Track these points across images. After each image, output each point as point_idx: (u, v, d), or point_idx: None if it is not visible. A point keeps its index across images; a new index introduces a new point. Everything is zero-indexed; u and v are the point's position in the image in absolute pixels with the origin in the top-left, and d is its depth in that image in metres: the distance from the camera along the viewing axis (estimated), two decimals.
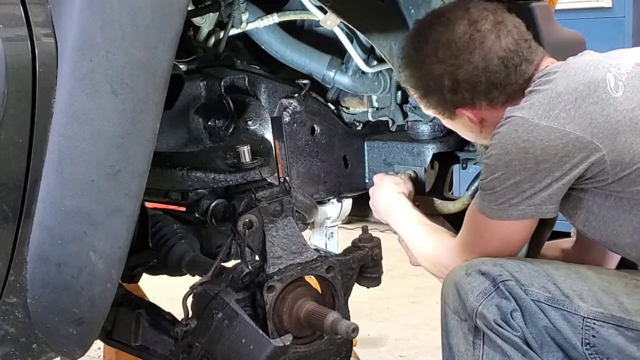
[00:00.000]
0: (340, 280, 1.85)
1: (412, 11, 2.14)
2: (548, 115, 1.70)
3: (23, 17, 1.32)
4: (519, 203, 1.74)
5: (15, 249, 1.42)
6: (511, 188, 1.74)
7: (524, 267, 1.77)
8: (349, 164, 2.41)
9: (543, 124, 1.70)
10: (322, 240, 2.61)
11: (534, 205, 1.74)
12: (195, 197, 2.01)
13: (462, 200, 2.31)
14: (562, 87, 1.73)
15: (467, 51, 1.83)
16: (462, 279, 1.76)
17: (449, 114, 1.93)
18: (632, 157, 1.68)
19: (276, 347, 1.68)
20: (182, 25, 1.43)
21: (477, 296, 1.73)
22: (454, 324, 1.78)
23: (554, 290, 1.72)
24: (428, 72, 1.88)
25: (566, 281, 1.74)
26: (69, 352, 1.59)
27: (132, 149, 1.42)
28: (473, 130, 1.95)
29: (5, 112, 1.31)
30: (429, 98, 1.93)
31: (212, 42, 2.18)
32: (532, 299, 1.72)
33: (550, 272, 1.75)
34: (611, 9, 4.40)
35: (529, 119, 1.72)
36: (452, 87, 1.85)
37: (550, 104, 1.71)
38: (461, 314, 1.76)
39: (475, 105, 1.87)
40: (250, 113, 2.10)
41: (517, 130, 1.72)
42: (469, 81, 1.84)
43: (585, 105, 1.69)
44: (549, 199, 1.73)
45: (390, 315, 3.85)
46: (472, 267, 1.77)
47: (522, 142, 1.71)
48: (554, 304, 1.72)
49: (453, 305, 1.78)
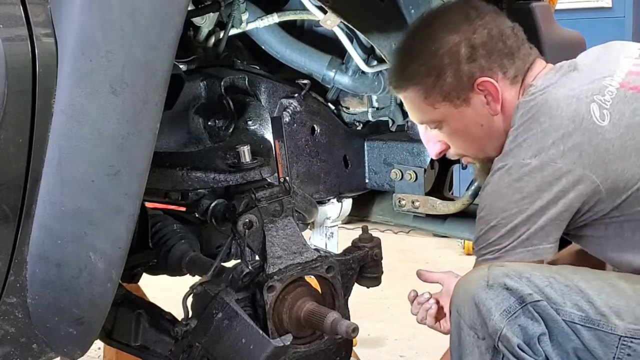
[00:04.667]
0: (340, 280, 1.85)
1: (412, 11, 2.14)
2: (538, 154, 1.68)
3: (23, 17, 1.32)
4: (516, 247, 1.71)
5: (15, 249, 1.42)
6: (508, 234, 1.71)
7: (553, 280, 1.65)
8: (349, 164, 2.42)
9: (535, 163, 1.68)
10: (322, 240, 2.61)
11: (531, 247, 1.70)
12: (195, 197, 2.01)
13: (462, 200, 2.31)
14: (547, 124, 1.69)
15: (479, 18, 1.80)
16: (482, 292, 1.64)
17: (464, 95, 1.81)
18: (626, 182, 1.66)
19: (276, 347, 1.68)
20: (182, 25, 1.43)
21: (501, 315, 1.61)
22: (470, 341, 1.67)
23: (588, 308, 1.62)
24: (441, 45, 1.80)
25: (600, 296, 1.64)
26: (69, 352, 1.59)
27: (132, 149, 1.42)
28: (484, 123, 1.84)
29: (5, 112, 1.31)
30: (443, 81, 1.81)
31: (212, 42, 2.18)
32: (564, 320, 1.62)
33: (582, 287, 1.65)
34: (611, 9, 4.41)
35: (520, 160, 1.70)
36: (469, 55, 1.79)
37: (538, 143, 1.69)
38: (479, 331, 1.65)
39: (492, 76, 1.80)
40: (250, 113, 2.10)
41: (511, 173, 1.70)
42: (486, 45, 1.79)
43: (572, 139, 1.66)
44: (546, 237, 1.70)
45: (390, 315, 3.84)
46: (495, 279, 1.64)
47: (515, 182, 1.69)
48: (588, 323, 1.62)
49: (470, 320, 1.66)
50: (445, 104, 1.84)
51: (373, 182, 2.46)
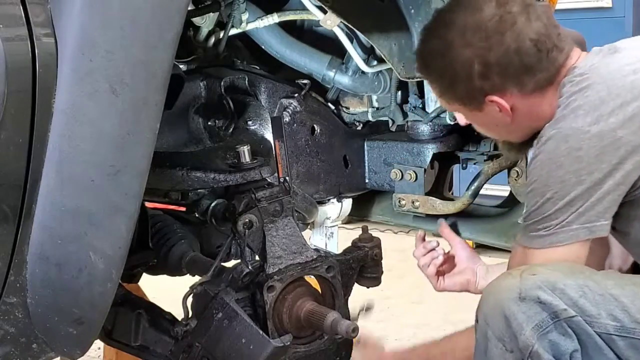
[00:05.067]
0: (340, 280, 1.85)
1: (412, 11, 2.13)
2: (597, 121, 1.63)
3: (23, 17, 1.32)
4: (572, 222, 1.65)
5: (15, 249, 1.42)
6: (565, 208, 1.65)
7: (587, 290, 1.60)
8: (349, 164, 2.42)
9: (594, 131, 1.63)
10: (322, 240, 2.61)
11: (588, 223, 1.65)
12: (195, 197, 2.01)
13: (462, 200, 2.31)
14: (604, 93, 1.66)
15: (498, 33, 1.72)
16: (514, 305, 1.59)
17: (476, 104, 1.80)
18: None
19: (276, 347, 1.68)
20: (182, 25, 1.42)
21: (533, 330, 1.57)
22: (497, 353, 1.62)
23: (623, 317, 1.59)
24: (455, 58, 1.75)
25: (635, 303, 1.60)
26: (69, 352, 1.59)
27: (132, 149, 1.42)
28: (500, 124, 1.83)
29: (5, 112, 1.31)
30: (456, 88, 1.80)
31: (212, 42, 2.17)
32: (598, 332, 1.58)
33: (616, 294, 1.61)
34: (611, 9, 4.41)
35: (578, 127, 1.65)
36: (482, 72, 1.74)
37: (596, 110, 1.65)
38: (507, 344, 1.60)
39: (505, 92, 1.76)
40: (250, 113, 2.10)
41: (568, 140, 1.65)
42: (501, 64, 1.72)
43: (630, 108, 1.63)
44: (604, 212, 1.65)
45: (390, 315, 3.84)
46: (527, 292, 1.59)
47: (575, 150, 1.64)
48: (623, 333, 1.58)
49: (498, 331, 1.61)
50: (458, 104, 1.85)
51: (373, 182, 2.46)
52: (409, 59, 2.14)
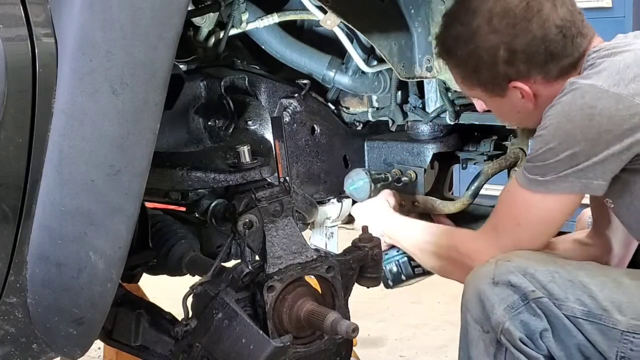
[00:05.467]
0: (340, 280, 1.85)
1: (412, 11, 2.14)
2: (618, 84, 1.65)
3: (23, 17, 1.32)
4: (569, 175, 1.68)
5: (15, 249, 1.42)
6: (566, 160, 1.67)
7: (556, 275, 1.68)
8: (349, 164, 2.42)
9: (612, 91, 1.65)
10: (322, 240, 2.61)
11: (585, 179, 1.68)
12: (195, 197, 2.01)
13: (462, 200, 2.31)
14: (631, 60, 1.68)
15: (525, 19, 1.74)
16: (488, 289, 1.69)
17: (499, 90, 1.82)
18: None
19: (276, 347, 1.68)
20: (182, 25, 1.43)
21: (504, 310, 1.66)
22: (476, 334, 1.71)
23: (590, 303, 1.65)
24: (481, 44, 1.78)
25: (603, 291, 1.66)
26: (69, 352, 1.59)
27: (132, 149, 1.42)
28: (521, 110, 1.85)
29: (5, 112, 1.31)
30: (480, 73, 1.81)
31: (212, 42, 2.18)
32: (566, 315, 1.65)
33: (586, 282, 1.67)
34: (611, 9, 4.40)
35: (597, 86, 1.66)
36: (508, 59, 1.76)
37: (619, 73, 1.67)
38: (484, 325, 1.70)
39: (530, 79, 1.78)
40: (250, 113, 2.11)
41: (584, 96, 1.67)
42: (527, 51, 1.75)
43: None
44: (603, 174, 1.67)
45: (390, 315, 3.85)
46: (500, 277, 1.68)
47: (588, 108, 1.65)
48: (590, 317, 1.65)
49: (476, 315, 1.71)
50: (480, 90, 1.86)
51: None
52: (409, 59, 2.14)
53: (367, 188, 2.23)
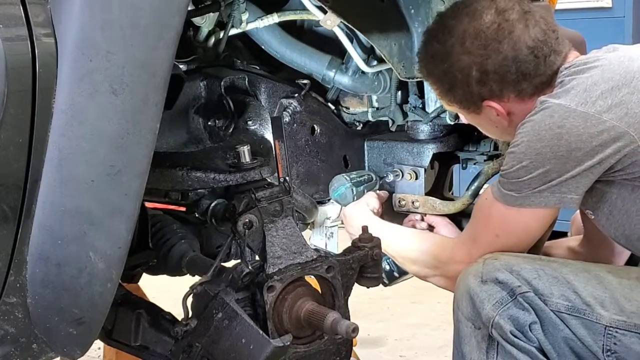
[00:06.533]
0: (340, 280, 1.85)
1: (412, 11, 2.14)
2: (585, 102, 1.68)
3: (23, 17, 1.32)
4: (544, 190, 1.71)
5: (15, 249, 1.42)
6: (539, 177, 1.71)
7: (542, 272, 1.73)
8: (349, 164, 2.41)
9: (580, 110, 1.68)
10: (322, 240, 2.61)
11: (559, 193, 1.71)
12: (195, 197, 2.01)
13: (462, 200, 2.31)
14: (598, 77, 1.70)
15: (496, 41, 1.79)
16: (477, 287, 1.74)
17: (474, 108, 1.88)
18: None
19: (276, 347, 1.68)
20: (182, 25, 1.42)
21: (494, 306, 1.70)
22: (467, 331, 1.76)
23: (575, 298, 1.69)
24: (454, 63, 1.83)
25: (586, 288, 1.70)
26: (69, 352, 1.59)
27: (132, 149, 1.42)
28: (498, 125, 1.90)
29: (5, 112, 1.31)
30: (454, 92, 1.87)
31: (212, 42, 2.17)
32: (552, 310, 1.70)
33: (570, 278, 1.72)
34: (611, 9, 4.40)
35: (565, 105, 1.69)
36: (480, 79, 1.81)
37: (587, 91, 1.69)
38: (475, 322, 1.74)
39: (503, 98, 1.83)
40: (250, 113, 2.10)
41: (553, 116, 1.69)
42: (498, 72, 1.80)
43: (621, 94, 1.67)
44: (575, 188, 1.71)
45: (390, 315, 3.85)
46: (488, 275, 1.74)
47: (557, 127, 1.68)
48: (574, 312, 1.69)
49: (467, 313, 1.75)
50: (457, 107, 1.92)
51: None
52: (409, 59, 2.14)
53: (349, 193, 2.25)
